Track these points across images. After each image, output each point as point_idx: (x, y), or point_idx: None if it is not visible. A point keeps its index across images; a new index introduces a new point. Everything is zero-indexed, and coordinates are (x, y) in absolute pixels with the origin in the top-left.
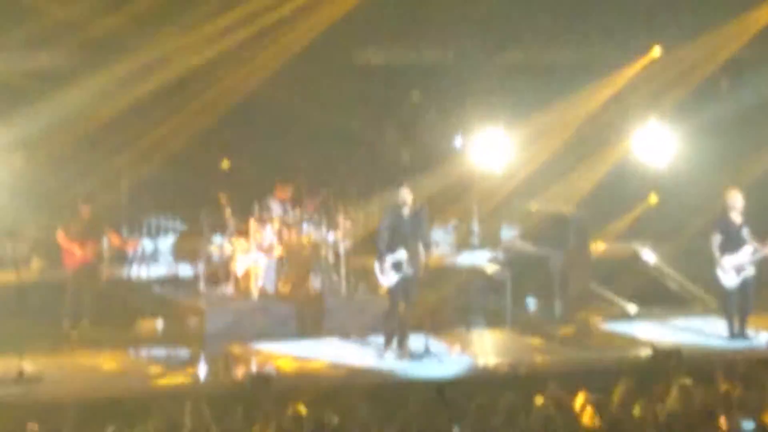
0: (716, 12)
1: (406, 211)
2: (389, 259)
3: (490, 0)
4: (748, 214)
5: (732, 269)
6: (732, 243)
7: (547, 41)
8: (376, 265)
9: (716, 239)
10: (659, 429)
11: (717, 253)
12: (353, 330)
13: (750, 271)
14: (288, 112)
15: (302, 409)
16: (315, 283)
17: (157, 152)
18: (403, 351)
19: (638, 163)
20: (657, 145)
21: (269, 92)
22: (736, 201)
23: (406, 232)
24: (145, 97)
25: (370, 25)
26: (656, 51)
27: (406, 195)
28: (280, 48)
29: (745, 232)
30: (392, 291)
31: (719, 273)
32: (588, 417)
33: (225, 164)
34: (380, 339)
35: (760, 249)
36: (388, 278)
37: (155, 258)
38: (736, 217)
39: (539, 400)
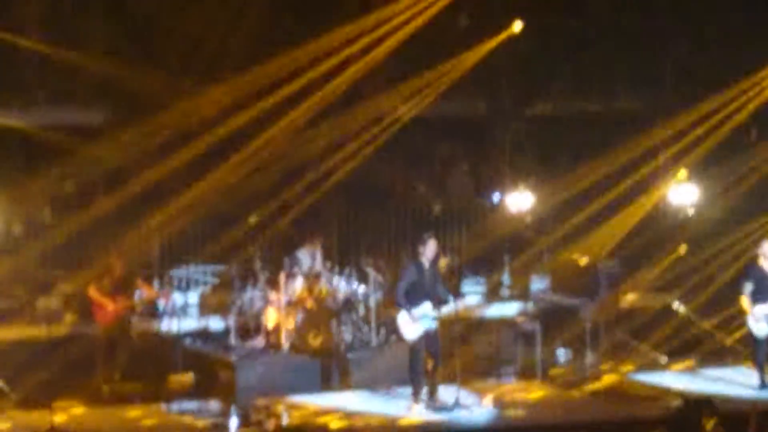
0: (744, 64)
1: (426, 264)
2: (415, 311)
3: (521, 53)
4: None
5: (763, 318)
6: (763, 291)
7: (576, 94)
8: (401, 318)
9: (747, 287)
10: None
11: (748, 303)
12: (383, 382)
13: None
14: (319, 164)
15: None
16: (345, 335)
17: (190, 208)
18: (434, 402)
19: (668, 212)
20: (687, 194)
21: (302, 147)
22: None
23: (428, 285)
24: (179, 154)
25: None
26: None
27: (432, 247)
28: (311, 104)
29: None
30: (417, 343)
31: (750, 322)
32: None
33: (253, 219)
34: (409, 391)
35: None
36: (413, 330)
37: (185, 311)
38: (767, 265)
39: None
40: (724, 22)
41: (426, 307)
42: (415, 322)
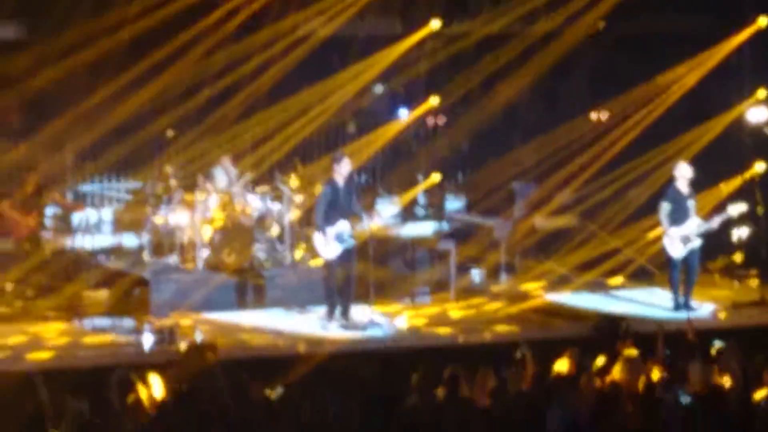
0: None
1: (342, 183)
2: (330, 231)
3: None
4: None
5: (679, 240)
6: (680, 213)
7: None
8: (317, 238)
9: (665, 208)
10: (602, 398)
11: (665, 223)
12: (297, 301)
13: (696, 243)
14: (235, 80)
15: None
16: (259, 253)
17: (101, 119)
18: (347, 321)
19: (583, 135)
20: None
21: (218, 60)
22: (685, 171)
23: (344, 204)
24: (91, 62)
25: None
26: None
27: (347, 166)
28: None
29: (692, 204)
30: (333, 263)
31: (666, 242)
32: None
33: (169, 133)
34: (323, 309)
35: (704, 222)
36: (330, 250)
37: (99, 228)
38: (684, 187)
39: (483, 371)
40: None
41: (342, 226)
42: (331, 242)
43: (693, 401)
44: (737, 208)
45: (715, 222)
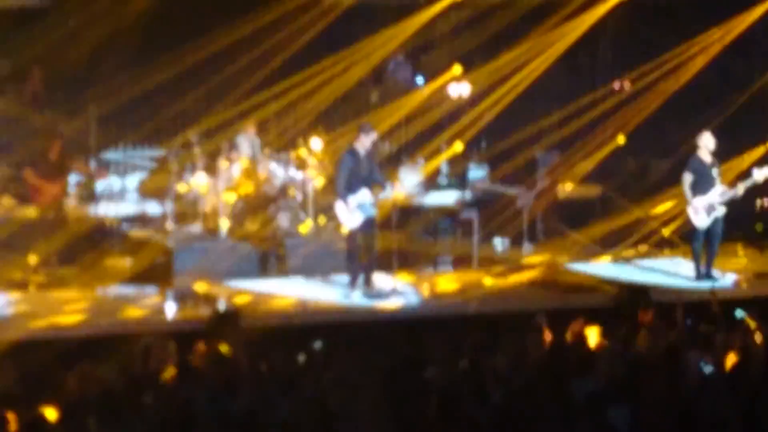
0: None
1: (363, 151)
2: (352, 200)
3: None
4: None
5: (703, 210)
6: (703, 183)
7: None
8: (339, 206)
9: (687, 179)
10: (625, 367)
11: (689, 194)
12: (319, 269)
13: (720, 211)
14: (256, 49)
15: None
16: (282, 222)
17: (125, 87)
18: (370, 290)
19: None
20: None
21: (241, 30)
22: (708, 141)
23: (365, 172)
24: (114, 30)
25: None
26: None
27: (371, 138)
28: None
29: (715, 172)
30: (355, 231)
31: (690, 213)
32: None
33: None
34: (346, 278)
35: (728, 190)
36: (352, 219)
37: (123, 196)
38: (707, 157)
39: (506, 341)
40: None
41: (364, 195)
42: (353, 211)
43: (716, 370)
44: (763, 173)
45: (740, 188)
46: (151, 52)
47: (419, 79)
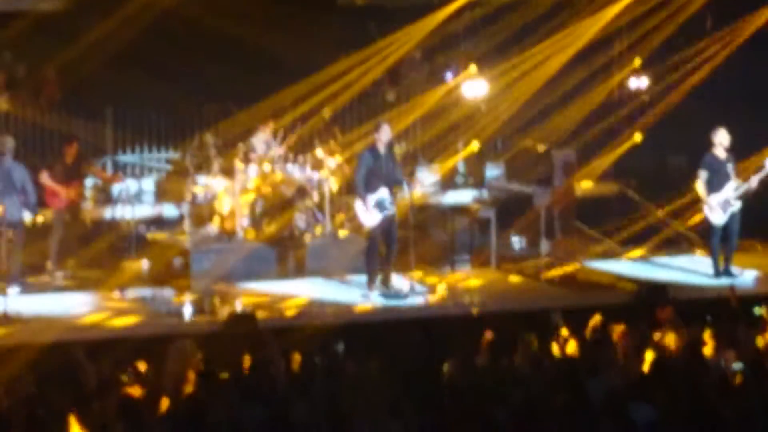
0: None
1: (383, 150)
2: (371, 198)
3: None
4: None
5: (718, 206)
6: (718, 180)
7: None
8: (358, 205)
9: (702, 177)
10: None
11: (703, 191)
12: (337, 270)
13: (736, 206)
14: (273, 53)
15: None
16: (299, 222)
17: (143, 92)
18: (388, 289)
19: (623, 102)
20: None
21: (256, 34)
22: (722, 138)
23: (385, 171)
24: (135, 39)
25: None
26: None
27: (386, 133)
28: None
29: (730, 168)
30: (374, 230)
31: (706, 211)
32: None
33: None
34: (364, 278)
35: (742, 183)
36: (371, 218)
37: (140, 198)
38: (721, 153)
39: (523, 339)
40: None
41: (382, 193)
42: (372, 210)
43: (744, 367)
44: None
45: (754, 181)
46: (168, 57)
47: (448, 75)
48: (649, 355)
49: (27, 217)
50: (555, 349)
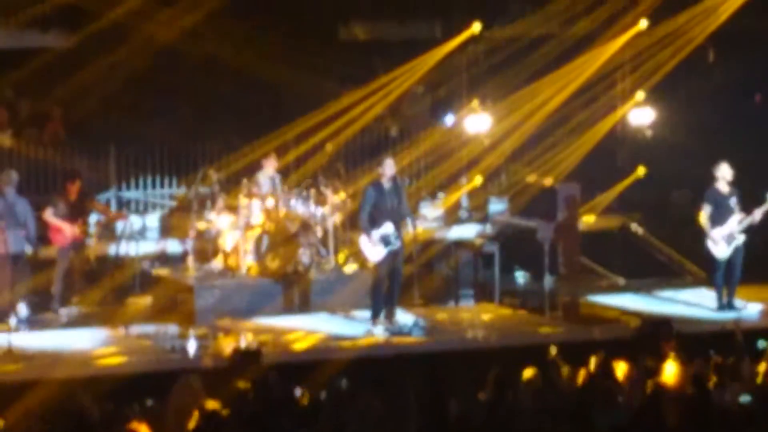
0: None
1: (387, 185)
2: (375, 233)
3: None
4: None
5: (722, 240)
6: (721, 214)
7: (531, 15)
8: (363, 240)
9: (706, 211)
10: (650, 400)
11: (707, 225)
12: (341, 305)
13: (739, 240)
14: (276, 87)
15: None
16: (303, 258)
17: (146, 128)
18: (392, 325)
19: (626, 135)
20: (645, 116)
21: (258, 69)
22: (725, 172)
23: (389, 206)
24: (137, 76)
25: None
26: (642, 24)
27: (390, 168)
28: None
29: (733, 202)
30: (380, 265)
31: (710, 245)
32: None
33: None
34: (368, 314)
35: (745, 217)
36: (376, 253)
37: (144, 234)
38: (724, 187)
39: (527, 373)
40: None
41: (387, 228)
42: (377, 244)
43: (752, 400)
44: None
45: (757, 214)
46: (170, 93)
47: (449, 118)
48: (653, 389)
49: (28, 250)
50: (559, 383)
